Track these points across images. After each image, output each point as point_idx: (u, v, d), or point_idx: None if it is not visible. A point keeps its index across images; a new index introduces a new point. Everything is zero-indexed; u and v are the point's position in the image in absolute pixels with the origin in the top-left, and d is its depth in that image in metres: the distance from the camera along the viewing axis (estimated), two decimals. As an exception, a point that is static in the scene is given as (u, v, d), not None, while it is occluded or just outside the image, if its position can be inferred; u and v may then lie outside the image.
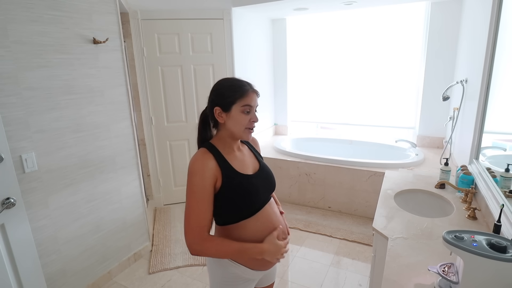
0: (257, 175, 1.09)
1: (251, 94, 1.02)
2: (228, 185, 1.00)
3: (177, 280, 2.20)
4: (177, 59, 3.05)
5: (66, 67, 1.82)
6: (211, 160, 0.99)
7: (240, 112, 1.01)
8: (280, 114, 4.30)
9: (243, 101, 1.01)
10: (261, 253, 1.00)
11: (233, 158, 1.05)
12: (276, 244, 1.02)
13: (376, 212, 1.49)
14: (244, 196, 1.02)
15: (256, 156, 1.17)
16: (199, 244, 0.96)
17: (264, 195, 1.09)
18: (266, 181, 1.12)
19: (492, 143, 1.72)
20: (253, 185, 1.05)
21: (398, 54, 3.39)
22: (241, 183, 1.02)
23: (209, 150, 1.02)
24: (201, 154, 1.00)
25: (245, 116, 1.02)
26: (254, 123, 1.04)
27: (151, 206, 3.30)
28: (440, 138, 3.30)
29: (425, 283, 0.99)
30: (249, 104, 1.01)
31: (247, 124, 1.03)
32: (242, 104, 1.01)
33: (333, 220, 2.94)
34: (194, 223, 0.96)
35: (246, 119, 1.02)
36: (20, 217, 1.42)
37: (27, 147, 1.65)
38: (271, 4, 2.96)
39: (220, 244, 0.98)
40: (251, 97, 1.02)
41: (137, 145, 2.35)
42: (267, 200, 1.10)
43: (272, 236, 1.03)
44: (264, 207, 1.07)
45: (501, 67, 1.53)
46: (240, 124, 1.02)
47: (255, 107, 1.05)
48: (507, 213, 1.16)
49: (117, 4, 2.10)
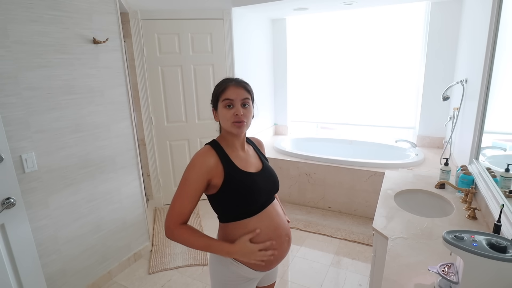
0: (259, 174, 1.09)
1: (231, 88, 1.03)
2: (229, 182, 1.01)
3: (177, 280, 2.20)
4: (177, 59, 3.05)
5: (66, 67, 1.82)
6: (213, 157, 1.02)
7: (223, 107, 1.03)
8: (280, 114, 4.30)
9: (223, 95, 1.03)
10: (228, 253, 1.02)
11: (236, 156, 1.07)
12: (246, 246, 1.01)
13: (376, 212, 1.49)
14: (244, 193, 1.03)
15: (260, 157, 1.18)
16: (172, 229, 1.00)
17: (266, 195, 1.09)
18: (268, 181, 1.12)
19: (492, 143, 1.72)
20: (254, 183, 1.05)
21: (398, 54, 3.39)
22: (242, 180, 1.03)
23: (214, 147, 1.04)
24: (205, 150, 1.03)
25: (228, 111, 1.03)
26: (239, 116, 1.02)
27: (151, 206, 3.30)
28: (440, 138, 3.30)
29: (425, 283, 0.99)
30: (229, 98, 1.02)
31: (231, 118, 1.02)
32: (223, 98, 1.03)
33: (333, 220, 2.94)
34: (176, 210, 1.00)
35: (230, 113, 1.02)
36: (20, 217, 1.42)
37: (27, 147, 1.66)
38: (271, 4, 2.96)
39: (190, 234, 1.01)
40: (231, 91, 1.02)
41: (137, 145, 2.35)
42: (270, 200, 1.11)
43: (242, 239, 1.02)
44: (267, 208, 1.07)
45: (501, 67, 1.53)
46: (225, 119, 1.03)
47: (239, 100, 1.02)
48: (507, 213, 1.16)
49: (117, 4, 2.10)
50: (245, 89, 1.05)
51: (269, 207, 1.09)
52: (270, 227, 1.06)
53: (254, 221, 1.04)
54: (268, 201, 1.10)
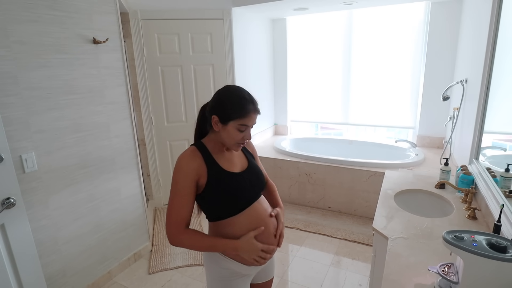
0: (244, 173, 1.11)
1: (252, 115, 1.03)
2: (213, 182, 1.03)
3: (177, 280, 2.20)
4: (177, 59, 3.05)
5: (66, 67, 1.82)
6: (198, 158, 1.03)
7: (236, 129, 1.03)
8: (280, 114, 4.30)
9: (241, 120, 1.02)
10: (235, 249, 1.03)
11: (221, 157, 1.09)
12: (252, 243, 1.03)
13: (376, 212, 1.49)
14: (229, 192, 1.04)
15: (246, 156, 1.19)
16: (176, 236, 1.01)
17: (251, 192, 1.10)
18: (253, 178, 1.13)
19: (492, 143, 1.72)
20: (238, 182, 1.07)
21: (398, 54, 3.39)
22: (225, 180, 1.05)
23: (199, 149, 1.06)
24: (189, 152, 1.05)
25: (239, 134, 1.04)
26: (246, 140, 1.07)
27: (151, 206, 3.30)
28: (440, 138, 3.30)
29: (425, 283, 0.99)
30: (247, 125, 1.03)
31: (239, 140, 1.05)
32: (240, 123, 1.02)
33: (333, 220, 2.94)
34: (174, 217, 1.01)
35: (240, 136, 1.04)
36: (20, 217, 1.42)
37: (27, 147, 1.66)
38: (271, 4, 2.96)
39: (194, 237, 1.02)
40: (250, 118, 1.03)
41: (137, 145, 2.35)
42: (256, 197, 1.11)
43: (248, 235, 1.04)
44: (252, 205, 1.08)
45: (501, 67, 1.52)
46: (232, 139, 1.04)
47: (252, 126, 1.06)
48: (507, 213, 1.16)
49: (117, 4, 2.09)
50: (259, 113, 1.06)
51: (255, 203, 1.10)
52: (259, 223, 1.07)
53: (241, 218, 1.06)
54: (254, 198, 1.10)
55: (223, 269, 1.09)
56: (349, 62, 3.68)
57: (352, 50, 3.63)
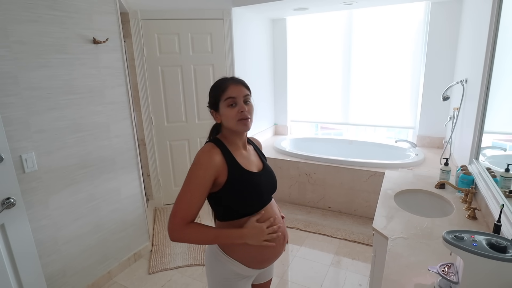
0: (261, 174, 1.10)
1: (231, 86, 1.02)
2: (233, 180, 1.00)
3: (177, 280, 2.20)
4: (177, 59, 3.05)
5: (66, 67, 1.82)
6: (218, 155, 1.00)
7: (226, 106, 1.02)
8: (280, 114, 4.30)
9: (225, 95, 1.02)
10: (241, 237, 1.01)
11: (239, 155, 1.07)
12: (256, 226, 1.01)
13: (376, 212, 1.49)
14: (248, 192, 1.03)
15: (260, 157, 1.18)
16: (181, 230, 0.97)
17: (267, 194, 1.10)
18: (269, 181, 1.12)
19: (492, 143, 1.72)
20: (256, 183, 1.06)
21: (398, 54, 3.39)
22: (246, 179, 1.03)
23: (217, 145, 1.03)
24: (209, 148, 1.02)
25: (232, 109, 1.02)
26: (244, 112, 1.02)
27: (151, 206, 3.30)
28: (440, 138, 3.30)
29: (425, 283, 0.99)
30: (231, 96, 1.01)
31: (237, 116, 1.02)
32: (225, 98, 1.02)
33: (333, 220, 2.94)
34: (183, 212, 0.97)
35: (234, 112, 1.02)
36: (20, 217, 1.42)
37: (27, 147, 1.66)
38: (271, 4, 2.96)
39: (199, 230, 0.99)
40: (232, 89, 1.02)
41: (137, 145, 2.35)
42: (269, 200, 1.11)
43: (250, 220, 1.02)
44: (265, 207, 1.08)
45: (501, 67, 1.52)
46: (230, 119, 1.02)
47: (241, 97, 1.02)
48: (507, 213, 1.16)
49: (117, 4, 2.09)
50: (245, 86, 1.05)
51: (267, 206, 1.09)
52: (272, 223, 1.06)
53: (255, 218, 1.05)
54: (267, 201, 1.10)
55: (227, 271, 1.07)
56: (349, 62, 3.68)
57: (352, 50, 3.63)
